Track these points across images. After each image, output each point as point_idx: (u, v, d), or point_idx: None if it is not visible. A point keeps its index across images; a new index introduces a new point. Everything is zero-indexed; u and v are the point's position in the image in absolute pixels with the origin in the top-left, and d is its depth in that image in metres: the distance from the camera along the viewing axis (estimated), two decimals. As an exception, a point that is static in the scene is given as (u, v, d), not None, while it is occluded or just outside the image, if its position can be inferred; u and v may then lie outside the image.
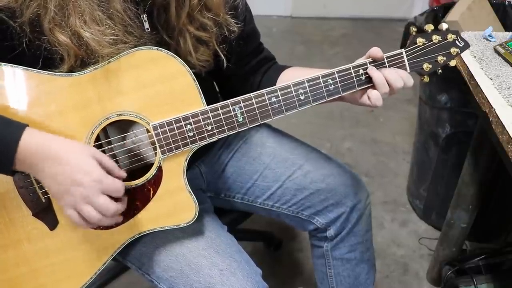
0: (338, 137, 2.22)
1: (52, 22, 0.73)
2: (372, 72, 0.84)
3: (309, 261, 1.32)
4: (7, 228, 0.78)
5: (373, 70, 0.84)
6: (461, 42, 0.89)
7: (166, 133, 0.79)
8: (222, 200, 1.12)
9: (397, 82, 0.84)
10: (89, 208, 0.72)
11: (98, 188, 0.71)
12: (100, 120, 0.77)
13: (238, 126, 0.81)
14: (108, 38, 0.74)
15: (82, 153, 0.72)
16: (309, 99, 0.84)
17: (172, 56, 0.78)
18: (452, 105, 1.48)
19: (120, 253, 0.85)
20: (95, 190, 0.71)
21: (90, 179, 0.70)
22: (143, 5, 0.79)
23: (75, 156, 0.71)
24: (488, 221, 1.56)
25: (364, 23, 3.34)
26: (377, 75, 0.84)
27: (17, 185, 0.76)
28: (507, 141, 0.87)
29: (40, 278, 0.81)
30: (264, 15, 3.33)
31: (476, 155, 1.24)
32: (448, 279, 1.36)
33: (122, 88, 0.77)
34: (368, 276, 1.15)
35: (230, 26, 0.87)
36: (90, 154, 0.73)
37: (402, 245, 1.69)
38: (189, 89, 0.79)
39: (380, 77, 0.84)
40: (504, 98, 0.97)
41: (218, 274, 0.85)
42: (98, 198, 0.71)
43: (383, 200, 1.88)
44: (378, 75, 0.84)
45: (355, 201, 1.06)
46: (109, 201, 0.72)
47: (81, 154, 0.72)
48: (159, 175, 0.81)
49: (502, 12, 1.56)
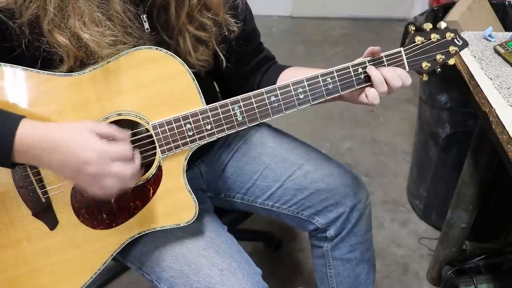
0: (338, 137, 2.22)
1: (51, 23, 0.73)
2: (370, 71, 0.84)
3: (309, 261, 1.32)
4: (7, 228, 0.78)
5: (372, 69, 0.84)
6: (459, 41, 0.89)
7: (166, 132, 0.79)
8: (222, 200, 1.12)
9: (395, 81, 0.84)
10: (107, 180, 0.71)
11: (107, 159, 0.70)
12: (100, 119, 0.77)
13: (237, 125, 0.81)
14: (108, 39, 0.74)
15: (80, 131, 0.71)
16: (308, 98, 0.84)
17: (171, 55, 0.78)
18: (452, 105, 1.48)
19: (120, 253, 0.85)
20: (104, 162, 0.70)
21: (96, 154, 0.70)
22: (143, 6, 0.79)
23: (74, 136, 0.70)
24: (488, 221, 1.56)
25: (364, 23, 3.34)
26: (376, 73, 0.84)
27: (17, 185, 0.76)
28: (507, 141, 0.87)
29: (40, 278, 0.81)
30: (264, 15, 3.33)
31: (476, 155, 1.24)
32: (448, 279, 1.36)
33: (122, 87, 0.77)
34: (368, 276, 1.15)
35: (230, 26, 0.87)
36: (87, 129, 0.71)
37: (402, 245, 1.69)
38: (188, 89, 0.79)
39: (378, 76, 0.84)
40: (504, 98, 0.97)
41: (218, 274, 0.85)
42: (110, 168, 0.71)
43: (383, 200, 1.88)
44: (377, 74, 0.84)
45: (355, 201, 1.06)
46: (122, 166, 0.72)
47: (78, 132, 0.71)
48: (159, 175, 0.81)
49: (502, 12, 1.56)
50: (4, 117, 0.70)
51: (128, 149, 0.73)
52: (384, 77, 0.84)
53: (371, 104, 0.85)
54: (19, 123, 0.69)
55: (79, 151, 0.70)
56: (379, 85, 0.84)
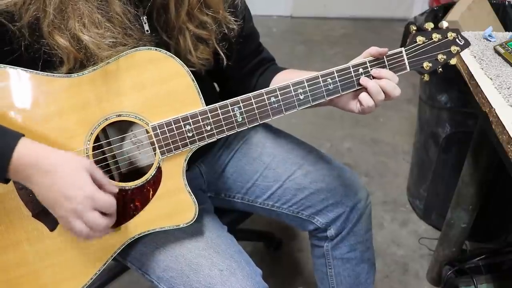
0: (338, 137, 2.22)
1: (51, 25, 0.73)
2: (365, 82, 0.84)
3: (309, 261, 1.32)
4: (7, 229, 0.78)
5: (367, 80, 0.84)
6: (461, 40, 0.89)
7: (165, 133, 0.79)
8: (222, 200, 1.12)
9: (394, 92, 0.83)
10: (79, 223, 0.71)
11: (89, 204, 0.71)
12: (100, 121, 0.77)
13: (237, 126, 0.81)
14: (108, 41, 0.74)
15: (76, 167, 0.71)
16: (308, 99, 0.84)
17: (171, 56, 0.78)
18: (452, 105, 1.48)
19: (120, 253, 0.85)
20: (86, 206, 0.70)
21: (82, 195, 0.70)
22: (143, 7, 0.79)
23: (69, 169, 0.70)
24: (488, 221, 1.56)
25: (364, 23, 3.34)
26: (372, 84, 0.83)
27: (17, 187, 0.76)
28: (507, 141, 0.87)
29: (40, 279, 0.81)
30: (264, 15, 3.33)
31: (476, 155, 1.24)
32: (448, 279, 1.36)
33: (121, 89, 0.77)
34: (368, 276, 1.15)
35: (230, 24, 0.87)
36: (84, 167, 0.72)
37: (402, 245, 1.69)
38: (188, 90, 0.79)
39: (375, 86, 0.83)
40: (504, 98, 0.97)
41: (218, 274, 0.85)
42: (88, 214, 0.71)
43: (383, 200, 1.88)
44: (373, 85, 0.83)
45: (355, 201, 1.06)
46: (99, 216, 0.72)
47: (75, 167, 0.71)
48: (159, 176, 0.81)
49: (502, 12, 1.56)
50: (3, 134, 0.70)
51: (113, 204, 0.74)
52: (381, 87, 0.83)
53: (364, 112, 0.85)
54: (19, 142, 0.69)
55: (69, 185, 0.70)
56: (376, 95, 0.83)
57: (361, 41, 3.08)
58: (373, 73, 0.85)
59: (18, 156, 0.68)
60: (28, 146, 0.70)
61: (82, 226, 0.71)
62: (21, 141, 0.69)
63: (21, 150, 0.69)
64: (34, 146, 0.70)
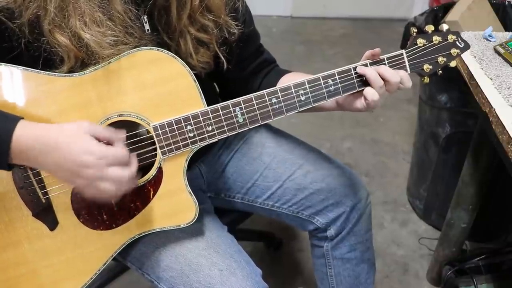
0: (338, 137, 2.22)
1: (52, 23, 0.72)
2: (363, 70, 0.83)
3: (309, 261, 1.32)
4: (7, 228, 0.78)
5: (363, 68, 0.83)
6: (461, 43, 0.89)
7: (167, 133, 0.79)
8: (222, 200, 1.12)
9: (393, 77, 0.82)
10: (104, 184, 0.71)
11: (104, 163, 0.70)
12: (101, 120, 0.77)
13: (238, 127, 0.81)
14: (109, 40, 0.74)
15: (77, 133, 0.71)
16: (309, 100, 0.84)
17: (172, 56, 0.78)
18: (452, 105, 1.48)
19: (120, 253, 0.85)
20: (102, 166, 0.70)
21: (94, 158, 0.69)
22: (144, 6, 0.79)
23: (71, 139, 0.70)
24: (488, 221, 1.56)
25: (364, 23, 3.34)
26: (370, 71, 0.82)
27: (17, 186, 0.76)
28: (507, 141, 0.87)
29: (40, 278, 0.81)
30: (264, 15, 3.33)
31: (476, 155, 1.24)
32: (448, 279, 1.37)
33: (123, 88, 0.77)
34: (368, 276, 1.15)
35: (231, 28, 0.87)
36: (84, 131, 0.71)
37: (402, 245, 1.69)
38: (189, 90, 0.79)
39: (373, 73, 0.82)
40: (504, 98, 0.97)
41: (218, 274, 0.85)
42: (107, 172, 0.71)
43: (383, 200, 1.88)
44: (371, 72, 0.82)
45: (355, 201, 1.06)
46: (119, 170, 0.72)
47: (76, 134, 0.70)
48: (159, 176, 0.81)
49: (502, 12, 1.56)
50: (1, 118, 0.69)
51: (126, 154, 0.73)
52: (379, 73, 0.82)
53: (369, 107, 0.85)
54: (17, 124, 0.68)
55: (77, 154, 0.69)
56: (375, 82, 0.82)
57: (361, 41, 3.08)
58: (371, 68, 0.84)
59: (18, 138, 0.68)
60: (27, 128, 0.69)
61: (107, 185, 0.71)
62: (20, 123, 0.69)
63: (21, 133, 0.68)
64: (32, 127, 0.70)
